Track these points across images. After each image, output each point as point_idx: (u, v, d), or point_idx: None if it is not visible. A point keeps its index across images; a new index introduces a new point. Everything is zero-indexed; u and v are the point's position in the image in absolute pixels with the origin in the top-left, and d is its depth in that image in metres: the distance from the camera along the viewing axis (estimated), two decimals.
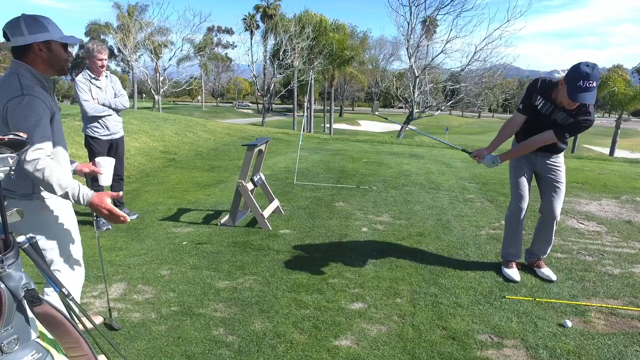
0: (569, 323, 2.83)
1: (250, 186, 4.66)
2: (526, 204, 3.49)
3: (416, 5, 23.81)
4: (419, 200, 5.94)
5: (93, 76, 4.46)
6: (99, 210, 1.98)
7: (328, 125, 45.79)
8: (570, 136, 3.27)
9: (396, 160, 9.52)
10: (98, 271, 3.40)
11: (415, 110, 25.32)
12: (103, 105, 4.51)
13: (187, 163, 8.62)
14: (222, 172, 7.64)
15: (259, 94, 44.12)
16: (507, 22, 22.35)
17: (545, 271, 3.54)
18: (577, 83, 2.89)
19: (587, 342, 2.65)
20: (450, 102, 27.41)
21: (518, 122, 3.37)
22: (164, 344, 2.55)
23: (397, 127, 33.29)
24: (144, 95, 65.52)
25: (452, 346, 2.59)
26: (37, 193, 2.12)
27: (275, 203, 5.12)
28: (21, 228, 2.07)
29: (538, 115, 3.26)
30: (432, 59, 25.02)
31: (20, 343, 1.33)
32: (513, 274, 3.49)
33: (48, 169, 1.91)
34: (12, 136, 1.39)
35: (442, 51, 24.13)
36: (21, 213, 1.50)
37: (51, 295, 2.18)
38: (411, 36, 24.19)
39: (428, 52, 26.13)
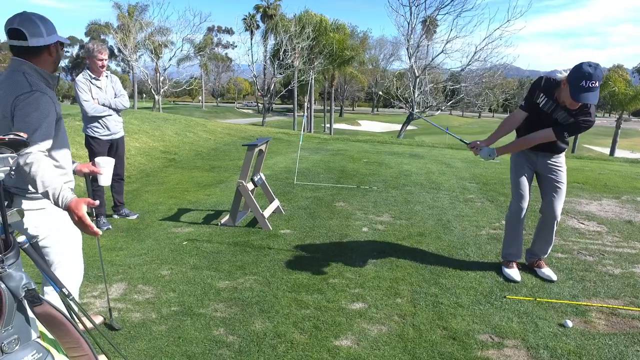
0: (570, 323, 2.82)
1: (250, 186, 4.66)
2: (527, 204, 3.49)
3: (416, 5, 23.77)
4: (420, 200, 5.94)
5: (93, 76, 4.46)
6: (73, 214, 1.87)
7: (328, 125, 45.81)
8: (569, 136, 3.27)
9: (396, 160, 9.52)
10: (98, 271, 3.40)
11: (415, 110, 25.31)
12: (103, 105, 4.50)
13: (188, 163, 8.62)
14: (223, 172, 7.64)
15: (259, 94, 44.13)
16: (508, 22, 22.27)
17: (545, 271, 3.54)
18: (580, 83, 2.89)
19: (588, 342, 2.65)
20: (450, 102, 27.36)
21: (519, 119, 3.37)
22: (165, 344, 2.55)
23: (397, 128, 33.29)
24: (144, 95, 65.52)
25: (453, 346, 2.59)
26: None
27: (275, 203, 5.12)
28: (32, 227, 2.08)
29: (540, 113, 3.26)
30: (432, 59, 24.98)
31: (20, 343, 1.33)
32: (513, 274, 3.49)
33: (36, 164, 1.89)
34: (13, 136, 1.39)
35: (442, 51, 24.09)
36: (21, 213, 1.50)
37: (50, 294, 2.18)
38: (411, 36, 24.16)
39: (428, 52, 26.12)
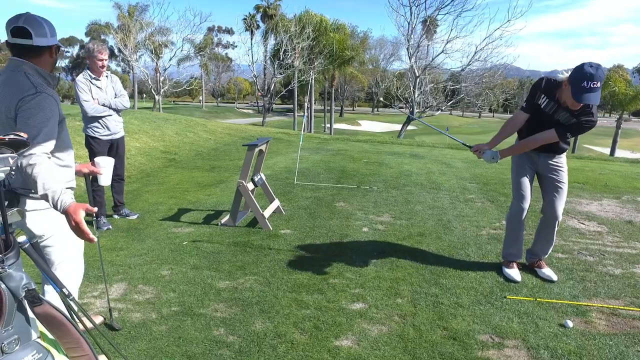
0: (570, 323, 2.82)
1: (250, 186, 4.66)
2: (528, 205, 3.48)
3: (416, 5, 23.80)
4: (420, 200, 5.93)
5: (93, 76, 4.45)
6: (70, 219, 1.86)
7: (328, 125, 45.80)
8: (572, 136, 3.27)
9: (397, 160, 9.52)
10: (98, 271, 3.40)
11: (415, 110, 25.31)
12: (103, 105, 4.50)
13: (188, 163, 8.62)
14: (223, 172, 7.64)
15: (259, 94, 44.14)
16: (508, 22, 22.30)
17: (546, 271, 3.54)
18: (582, 84, 2.89)
19: (589, 343, 2.65)
20: (450, 102, 27.38)
21: (520, 120, 3.37)
22: (165, 344, 2.55)
23: (397, 128, 33.27)
24: (145, 95, 65.50)
25: (453, 346, 2.59)
26: None
27: (275, 203, 5.12)
28: (35, 226, 2.08)
29: (541, 114, 3.26)
30: (433, 59, 24.99)
31: (20, 343, 1.33)
32: (514, 274, 3.49)
33: (38, 167, 1.89)
34: (13, 136, 1.39)
35: (443, 51, 24.11)
36: (21, 213, 1.50)
37: (50, 294, 2.18)
38: (411, 36, 24.16)
39: (428, 52, 26.14)
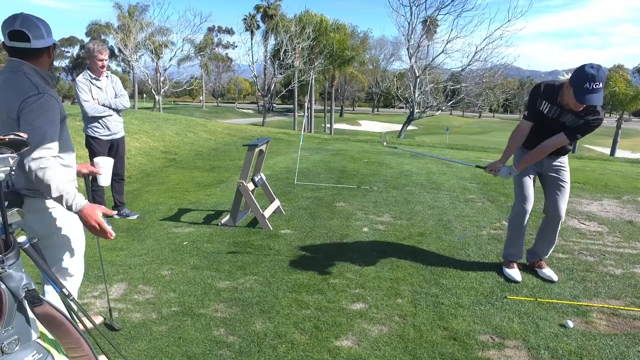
0: (571, 323, 2.82)
1: (251, 186, 4.66)
2: (531, 206, 3.46)
3: (417, 5, 23.82)
4: (420, 200, 5.93)
5: (93, 76, 4.46)
6: (88, 220, 1.96)
7: (328, 125, 45.79)
8: (582, 136, 3.22)
9: (397, 160, 9.52)
10: (98, 271, 3.40)
11: (415, 110, 25.32)
12: (103, 105, 4.50)
13: (188, 163, 8.62)
14: (223, 172, 7.64)
15: (260, 94, 44.15)
16: (508, 22, 22.33)
17: (546, 271, 3.54)
18: (584, 85, 2.88)
19: (589, 343, 2.65)
20: (450, 102, 27.37)
21: (526, 130, 3.33)
22: (165, 345, 2.55)
23: (398, 128, 33.25)
24: (145, 95, 65.50)
25: (454, 347, 2.59)
26: None
27: (276, 203, 5.12)
28: (37, 226, 2.08)
29: (545, 119, 3.23)
30: (433, 59, 25.01)
31: (20, 343, 1.33)
32: (514, 274, 3.49)
33: (50, 170, 1.91)
34: (13, 136, 1.38)
35: (443, 51, 24.13)
36: (21, 213, 1.50)
37: (50, 294, 2.18)
38: (412, 36, 24.17)
39: (429, 52, 26.17)
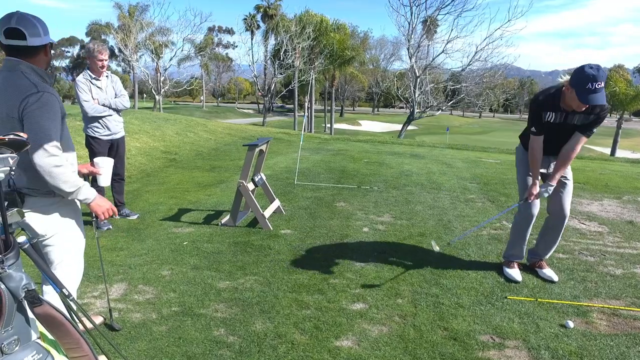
0: (571, 324, 2.82)
1: (251, 186, 4.66)
2: (537, 210, 3.41)
3: (417, 5, 23.81)
4: (420, 200, 5.93)
5: (93, 76, 4.45)
6: (97, 210, 2.22)
7: (329, 125, 45.80)
8: (596, 130, 3.21)
9: (397, 160, 9.52)
10: (98, 271, 3.40)
11: (416, 110, 25.33)
12: (103, 105, 4.50)
13: (188, 163, 8.62)
14: (223, 172, 7.64)
15: (260, 94, 44.14)
16: (508, 22, 22.32)
17: (547, 272, 3.53)
18: (586, 86, 2.88)
19: (590, 343, 2.64)
20: (451, 102, 27.37)
21: (541, 144, 3.28)
22: (165, 345, 2.55)
23: (398, 128, 33.21)
24: (145, 95, 65.52)
25: (454, 347, 2.59)
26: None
27: (276, 203, 5.12)
28: (38, 226, 2.09)
29: (552, 127, 3.19)
30: (433, 59, 25.00)
31: (20, 344, 1.33)
32: (514, 274, 3.48)
33: (64, 167, 2.00)
34: (13, 136, 1.38)
35: (443, 51, 24.11)
36: (21, 213, 1.50)
37: (50, 294, 2.18)
38: (412, 36, 24.16)
39: (429, 52, 26.16)
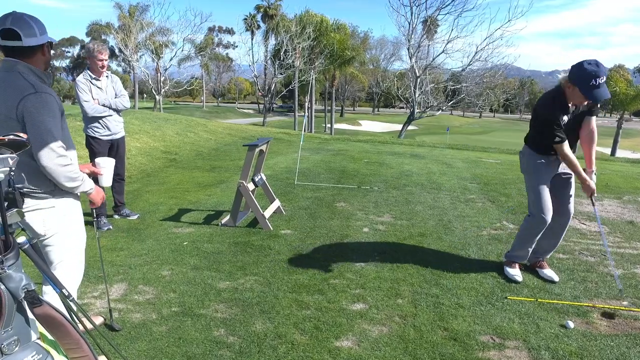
0: (571, 324, 2.82)
1: (251, 186, 4.65)
2: (551, 216, 3.34)
3: (417, 5, 23.80)
4: (420, 200, 5.93)
5: (94, 76, 4.45)
6: (95, 198, 2.34)
7: (329, 125, 45.78)
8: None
9: (397, 160, 9.51)
10: (99, 271, 3.40)
11: (416, 110, 25.32)
12: (103, 105, 4.50)
13: (188, 163, 8.62)
14: (223, 173, 7.64)
15: (260, 94, 44.15)
16: (508, 22, 22.29)
17: (547, 272, 3.53)
18: (590, 83, 2.90)
19: (590, 344, 2.64)
20: (451, 102, 27.36)
21: (568, 145, 3.25)
22: (165, 345, 2.55)
23: (398, 128, 33.19)
24: (145, 95, 65.51)
25: (454, 347, 2.58)
26: (59, 190, 2.16)
27: (276, 203, 5.12)
28: (38, 226, 2.09)
29: (565, 127, 3.19)
30: (433, 59, 24.99)
31: (20, 344, 1.32)
32: (516, 275, 3.48)
33: (71, 165, 2.06)
34: (12, 137, 1.38)
35: (443, 51, 24.09)
36: (21, 213, 1.50)
37: (49, 294, 2.18)
38: (412, 36, 24.15)
39: (429, 52, 26.15)
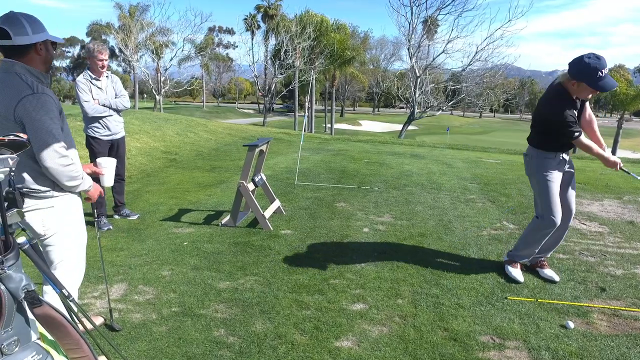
0: (572, 324, 2.82)
1: (251, 186, 4.66)
2: (560, 219, 3.33)
3: (417, 5, 23.80)
4: (420, 200, 5.93)
5: (94, 76, 4.45)
6: (93, 194, 2.33)
7: (329, 125, 45.79)
8: None
9: (397, 160, 9.51)
10: (99, 272, 3.40)
11: (416, 110, 25.33)
12: (103, 105, 4.50)
13: (188, 163, 8.62)
14: (223, 173, 7.64)
15: (260, 94, 44.15)
16: (509, 22, 22.31)
17: (547, 272, 3.53)
18: (596, 76, 2.97)
19: (590, 344, 2.64)
20: (451, 102, 27.36)
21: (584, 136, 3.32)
22: (165, 345, 2.55)
23: (398, 128, 33.18)
24: (145, 95, 65.53)
25: (454, 347, 2.58)
26: (58, 190, 2.16)
27: (276, 203, 5.12)
28: (39, 225, 2.09)
29: (578, 117, 3.27)
30: (434, 59, 24.99)
31: (20, 344, 1.32)
32: (517, 275, 3.48)
33: (73, 165, 2.07)
34: (13, 137, 1.38)
35: (444, 51, 24.10)
36: (21, 214, 1.49)
37: (50, 294, 2.18)
38: (412, 36, 24.16)
39: (429, 52, 26.16)
